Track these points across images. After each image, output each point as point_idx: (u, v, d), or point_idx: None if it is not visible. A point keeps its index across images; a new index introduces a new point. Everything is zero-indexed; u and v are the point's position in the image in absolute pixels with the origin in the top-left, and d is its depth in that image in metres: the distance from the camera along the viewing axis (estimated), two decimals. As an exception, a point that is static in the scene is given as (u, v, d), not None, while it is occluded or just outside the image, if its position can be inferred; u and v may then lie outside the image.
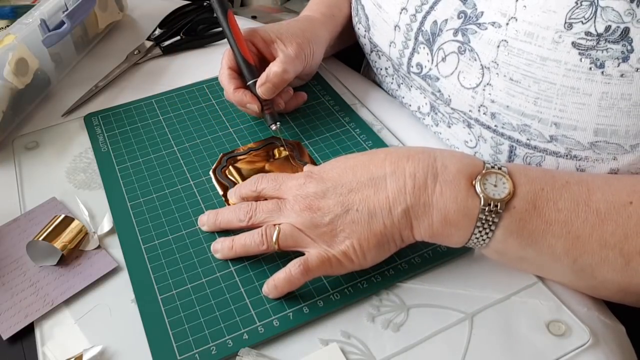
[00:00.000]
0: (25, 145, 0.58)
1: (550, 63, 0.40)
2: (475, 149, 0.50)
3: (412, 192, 0.39)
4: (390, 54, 0.54)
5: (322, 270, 0.41)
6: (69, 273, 0.45)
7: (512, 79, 0.42)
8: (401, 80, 0.58)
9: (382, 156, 0.42)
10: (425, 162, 0.40)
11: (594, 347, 0.39)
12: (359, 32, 0.60)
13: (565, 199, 0.38)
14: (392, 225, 0.40)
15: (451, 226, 0.39)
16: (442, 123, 0.54)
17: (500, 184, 0.39)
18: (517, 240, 0.39)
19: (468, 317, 0.41)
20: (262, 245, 0.43)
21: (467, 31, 0.45)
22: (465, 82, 0.46)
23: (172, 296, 0.43)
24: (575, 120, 0.40)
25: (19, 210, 0.51)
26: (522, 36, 0.41)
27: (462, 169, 0.39)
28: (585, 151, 0.41)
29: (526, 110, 0.42)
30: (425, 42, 0.49)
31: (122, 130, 0.59)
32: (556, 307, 0.41)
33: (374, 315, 0.41)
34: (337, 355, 0.39)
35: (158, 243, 0.47)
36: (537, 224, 0.38)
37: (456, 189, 0.39)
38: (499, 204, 0.38)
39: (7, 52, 0.56)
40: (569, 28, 0.39)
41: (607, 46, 0.38)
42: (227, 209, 0.47)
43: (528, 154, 0.45)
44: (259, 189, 0.46)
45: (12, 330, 0.42)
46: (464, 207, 0.38)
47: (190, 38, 0.72)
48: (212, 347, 0.40)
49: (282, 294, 0.42)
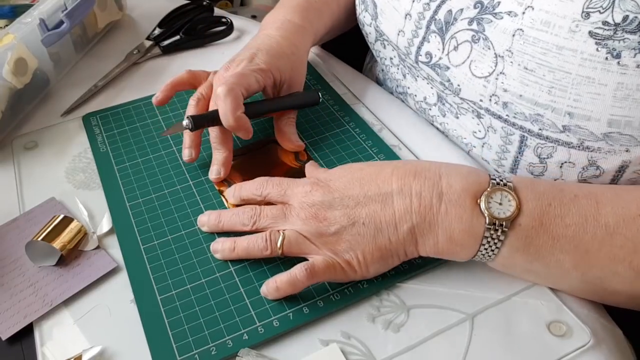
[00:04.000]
0: (24, 145, 0.58)
1: (566, 52, 0.40)
2: (484, 139, 0.50)
3: (417, 211, 0.40)
4: (397, 42, 0.54)
5: (327, 276, 0.41)
6: (68, 273, 0.45)
7: (527, 68, 0.42)
8: (407, 70, 0.57)
9: (389, 171, 0.42)
10: (430, 181, 0.40)
11: (594, 348, 0.39)
12: (364, 20, 0.59)
13: (574, 214, 0.38)
14: (397, 241, 0.40)
15: (456, 245, 0.39)
16: (450, 113, 0.53)
17: (505, 201, 0.38)
18: (524, 256, 0.39)
19: (469, 317, 0.41)
20: (266, 250, 0.43)
21: (483, 20, 0.45)
22: (477, 71, 0.46)
23: (172, 296, 0.43)
24: (590, 111, 0.40)
25: (18, 210, 0.51)
26: (539, 25, 0.41)
27: (467, 187, 0.39)
28: (598, 142, 0.41)
29: (540, 100, 0.42)
30: (437, 30, 0.49)
31: (121, 130, 0.59)
32: (557, 308, 0.41)
33: (375, 316, 0.41)
34: (337, 355, 0.39)
35: (157, 243, 0.47)
36: (544, 240, 0.38)
37: (461, 209, 0.39)
38: (504, 222, 0.38)
39: (6, 51, 0.56)
40: (586, 17, 0.39)
41: (624, 36, 0.38)
42: (230, 212, 0.47)
43: (539, 144, 0.45)
44: (264, 193, 0.46)
45: (11, 330, 0.42)
46: (469, 226, 0.39)
47: (190, 37, 0.72)
48: (212, 348, 0.39)
49: (283, 296, 0.42)
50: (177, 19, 0.74)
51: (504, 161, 0.49)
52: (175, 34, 0.72)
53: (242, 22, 0.76)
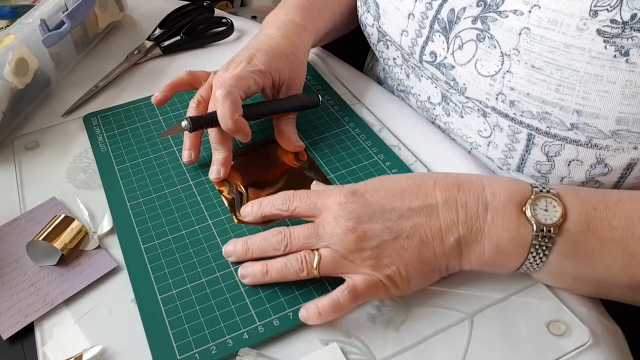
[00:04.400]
0: (25, 145, 0.58)
1: (574, 50, 0.40)
2: (490, 138, 0.50)
3: (464, 221, 0.39)
4: (401, 42, 0.54)
5: (370, 295, 0.40)
6: (68, 273, 0.45)
7: (534, 66, 0.42)
8: (410, 70, 0.57)
9: (431, 183, 0.41)
10: (475, 192, 0.40)
11: (593, 347, 0.39)
12: (366, 21, 0.59)
13: (619, 217, 0.38)
14: (442, 254, 0.39)
15: (504, 254, 0.39)
16: (454, 113, 0.53)
17: (550, 207, 0.38)
18: (573, 262, 0.39)
19: (468, 317, 0.41)
20: (302, 272, 0.41)
21: (487, 19, 0.45)
22: (483, 70, 0.46)
23: (172, 296, 0.43)
24: (598, 109, 0.40)
25: (19, 210, 0.51)
26: (546, 23, 0.41)
27: (511, 196, 0.39)
28: (606, 140, 0.41)
29: (547, 98, 0.42)
30: (441, 30, 0.48)
31: (122, 130, 0.59)
32: (556, 307, 0.41)
33: (374, 315, 0.41)
34: (337, 355, 0.39)
35: (158, 243, 0.47)
36: (592, 244, 0.38)
37: (507, 217, 0.38)
38: (552, 228, 0.37)
39: (7, 52, 0.56)
40: (594, 15, 0.39)
41: (633, 34, 0.38)
42: (258, 237, 0.43)
43: (547, 142, 0.45)
44: (291, 208, 0.43)
45: (12, 330, 0.42)
46: (517, 235, 0.38)
47: (190, 38, 0.72)
48: (212, 347, 0.40)
49: (324, 321, 0.40)
50: (177, 20, 0.74)
51: (510, 160, 0.49)
52: (175, 35, 0.72)
53: (242, 22, 0.76)
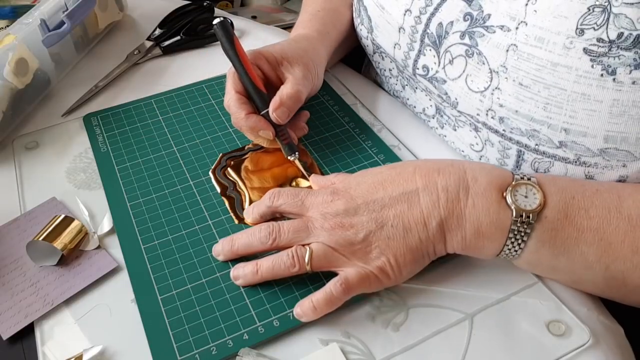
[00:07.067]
0: (25, 145, 0.58)
1: (561, 69, 0.40)
2: (482, 152, 0.50)
3: (445, 205, 0.40)
4: (394, 55, 0.54)
5: (362, 287, 0.40)
6: (69, 273, 0.45)
7: (522, 84, 0.42)
8: (406, 82, 0.57)
9: (410, 170, 0.42)
10: (456, 176, 0.40)
11: (594, 347, 0.39)
12: (361, 33, 0.60)
13: (597, 206, 0.38)
14: (427, 239, 0.40)
15: (484, 238, 0.39)
16: (448, 126, 0.53)
17: (530, 194, 0.39)
18: (550, 250, 0.39)
19: (468, 317, 0.41)
20: (294, 267, 0.41)
21: (475, 34, 0.45)
22: (473, 85, 0.46)
23: (172, 296, 0.43)
24: (586, 127, 0.40)
25: (19, 210, 0.51)
26: (533, 41, 0.41)
27: (492, 181, 0.40)
28: (594, 158, 0.41)
29: (535, 116, 0.42)
30: (431, 44, 0.49)
31: (122, 130, 0.59)
32: (556, 307, 0.41)
33: (374, 315, 0.41)
34: (337, 355, 0.39)
35: (158, 243, 0.47)
36: (569, 232, 0.38)
37: (488, 201, 0.39)
38: (531, 214, 0.38)
39: (7, 52, 0.56)
40: (580, 34, 0.39)
41: (619, 53, 0.38)
42: (244, 233, 0.44)
43: (536, 159, 0.45)
44: (276, 204, 0.44)
45: (12, 330, 0.42)
46: (496, 219, 0.39)
47: (190, 38, 0.72)
48: (213, 347, 0.40)
49: (319, 315, 0.40)
50: (177, 20, 0.74)
51: None
52: (175, 35, 0.72)
53: (242, 22, 0.76)
